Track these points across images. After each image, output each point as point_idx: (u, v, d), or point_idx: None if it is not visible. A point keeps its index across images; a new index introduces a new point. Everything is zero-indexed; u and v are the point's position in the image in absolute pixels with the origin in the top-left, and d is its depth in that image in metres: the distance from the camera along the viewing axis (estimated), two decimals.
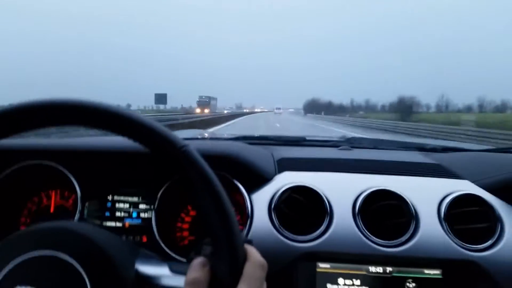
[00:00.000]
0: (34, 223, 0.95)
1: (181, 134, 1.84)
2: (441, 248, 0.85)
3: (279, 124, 28.09)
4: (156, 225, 0.91)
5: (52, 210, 0.96)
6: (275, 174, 0.98)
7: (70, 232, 0.51)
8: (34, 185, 0.97)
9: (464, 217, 0.90)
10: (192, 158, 0.59)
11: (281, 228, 0.87)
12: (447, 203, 0.90)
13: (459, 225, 0.89)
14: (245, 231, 0.87)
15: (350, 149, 1.28)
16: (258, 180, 0.95)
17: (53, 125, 0.57)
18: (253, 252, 0.54)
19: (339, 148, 1.30)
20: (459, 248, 0.85)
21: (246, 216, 0.89)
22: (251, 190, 0.93)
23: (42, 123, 0.56)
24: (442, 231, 0.87)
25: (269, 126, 24.95)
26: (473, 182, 0.97)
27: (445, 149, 1.35)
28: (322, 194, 0.90)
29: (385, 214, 0.91)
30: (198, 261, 0.51)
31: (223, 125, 23.51)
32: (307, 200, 0.91)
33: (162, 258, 0.59)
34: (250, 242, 0.84)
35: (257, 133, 2.85)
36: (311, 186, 0.91)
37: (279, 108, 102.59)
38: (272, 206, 0.90)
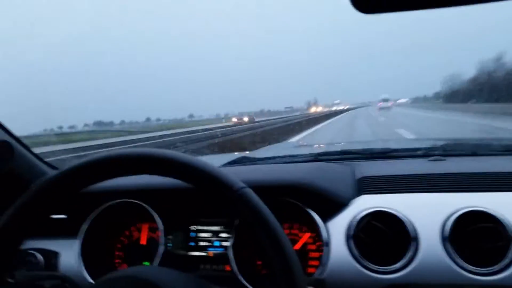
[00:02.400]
0: (127, 256, 1.06)
1: (264, 153, 1.87)
2: None
3: None
4: (234, 254, 0.93)
5: (144, 242, 1.05)
6: (353, 197, 0.94)
7: (138, 280, 0.55)
8: (124, 221, 1.07)
9: None
10: (249, 202, 0.59)
11: (362, 258, 0.82)
12: None
13: None
14: (322, 263, 0.85)
15: (442, 159, 1.16)
16: (333, 206, 0.91)
17: (126, 174, 0.63)
18: None
19: (430, 158, 1.19)
20: None
21: (322, 246, 0.87)
22: (326, 217, 0.90)
23: (117, 173, 0.63)
24: None
25: None
26: None
27: None
28: (405, 219, 0.83)
29: (479, 238, 0.81)
30: None
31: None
32: (389, 227, 0.85)
33: None
34: (319, 282, 0.81)
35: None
36: (391, 211, 0.85)
37: (387, 100, 55.45)
38: (350, 234, 0.86)
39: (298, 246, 0.94)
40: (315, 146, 2.20)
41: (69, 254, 0.99)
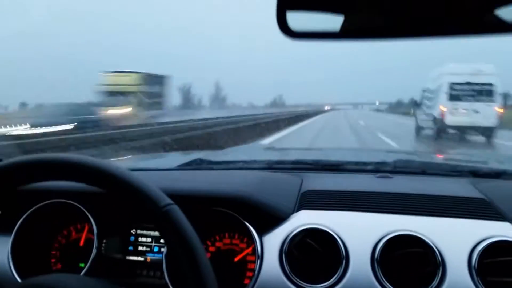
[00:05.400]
0: (63, 256, 1.03)
1: (223, 155, 1.87)
2: None
3: None
4: (168, 263, 0.91)
5: (82, 243, 1.02)
6: (293, 212, 0.94)
7: None
8: (63, 221, 1.04)
9: (501, 267, 0.79)
10: (173, 221, 0.58)
11: (291, 274, 0.83)
12: (479, 251, 0.79)
13: (494, 277, 0.78)
14: (254, 275, 0.85)
15: (389, 177, 1.18)
16: (271, 220, 0.92)
17: (40, 180, 0.62)
18: None
19: (377, 175, 1.21)
20: None
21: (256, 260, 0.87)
22: (263, 231, 0.90)
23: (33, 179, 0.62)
24: (472, 284, 0.76)
25: None
26: None
27: (498, 175, 1.20)
28: (338, 238, 0.85)
29: (409, 262, 0.83)
30: None
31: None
32: (322, 245, 0.86)
33: None
34: None
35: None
36: (326, 229, 0.86)
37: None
38: (284, 250, 0.86)
39: (237, 258, 0.94)
40: (279, 150, 2.21)
41: (0, 251, 0.96)
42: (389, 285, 0.79)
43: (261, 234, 0.90)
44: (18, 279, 0.92)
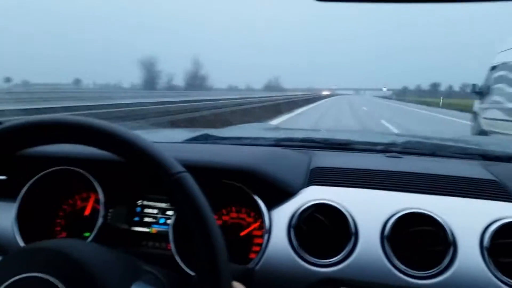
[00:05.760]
0: (68, 225, 1.03)
1: (230, 132, 1.85)
2: (480, 284, 0.74)
3: None
4: (175, 234, 0.91)
5: (88, 212, 1.01)
6: (302, 187, 0.93)
7: (60, 254, 0.52)
8: (69, 189, 1.03)
9: None
10: (184, 189, 0.57)
11: (300, 248, 0.82)
12: (492, 232, 0.78)
13: (506, 258, 0.77)
14: (261, 250, 0.84)
15: (399, 157, 1.16)
16: (281, 194, 0.90)
17: (50, 143, 0.59)
18: None
19: (387, 155, 1.19)
20: (502, 285, 0.73)
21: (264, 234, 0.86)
22: (272, 205, 0.89)
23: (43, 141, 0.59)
24: (483, 264, 0.75)
25: None
26: None
27: (510, 158, 1.18)
28: (347, 214, 0.83)
29: (420, 240, 0.81)
30: None
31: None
32: (331, 220, 0.85)
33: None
34: (248, 274, 0.80)
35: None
36: (335, 205, 0.84)
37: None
38: (292, 224, 0.85)
39: (244, 232, 0.93)
40: (286, 130, 2.19)
41: (5, 216, 0.96)
42: (399, 263, 0.78)
43: (269, 208, 0.89)
44: (23, 245, 0.91)
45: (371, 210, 0.85)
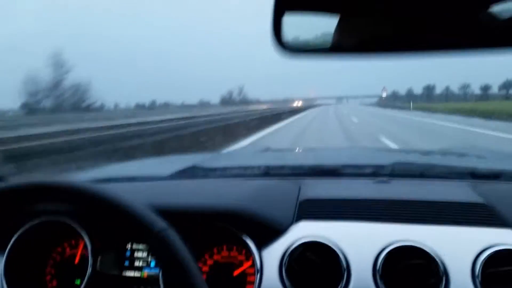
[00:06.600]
0: (59, 273, 1.01)
1: (218, 161, 1.84)
2: None
3: None
4: (163, 277, 0.90)
5: (77, 261, 1.00)
6: (291, 223, 0.93)
7: None
8: (56, 238, 1.02)
9: (505, 277, 0.78)
10: (168, 247, 0.57)
11: None
12: (482, 261, 0.78)
13: (498, 286, 0.77)
14: None
15: (386, 182, 1.17)
16: (270, 233, 0.90)
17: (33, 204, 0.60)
18: None
19: (374, 180, 1.19)
20: None
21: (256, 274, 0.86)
22: (262, 244, 0.89)
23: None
24: None
25: None
26: None
27: (497, 176, 1.18)
28: (338, 251, 0.83)
29: (412, 274, 0.81)
30: None
31: None
32: (322, 257, 0.85)
33: None
34: None
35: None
36: (325, 242, 0.84)
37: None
38: (283, 264, 0.84)
39: (237, 272, 0.92)
40: (276, 152, 2.19)
41: None
42: None
43: (260, 247, 0.88)
44: None
45: (361, 244, 0.85)
